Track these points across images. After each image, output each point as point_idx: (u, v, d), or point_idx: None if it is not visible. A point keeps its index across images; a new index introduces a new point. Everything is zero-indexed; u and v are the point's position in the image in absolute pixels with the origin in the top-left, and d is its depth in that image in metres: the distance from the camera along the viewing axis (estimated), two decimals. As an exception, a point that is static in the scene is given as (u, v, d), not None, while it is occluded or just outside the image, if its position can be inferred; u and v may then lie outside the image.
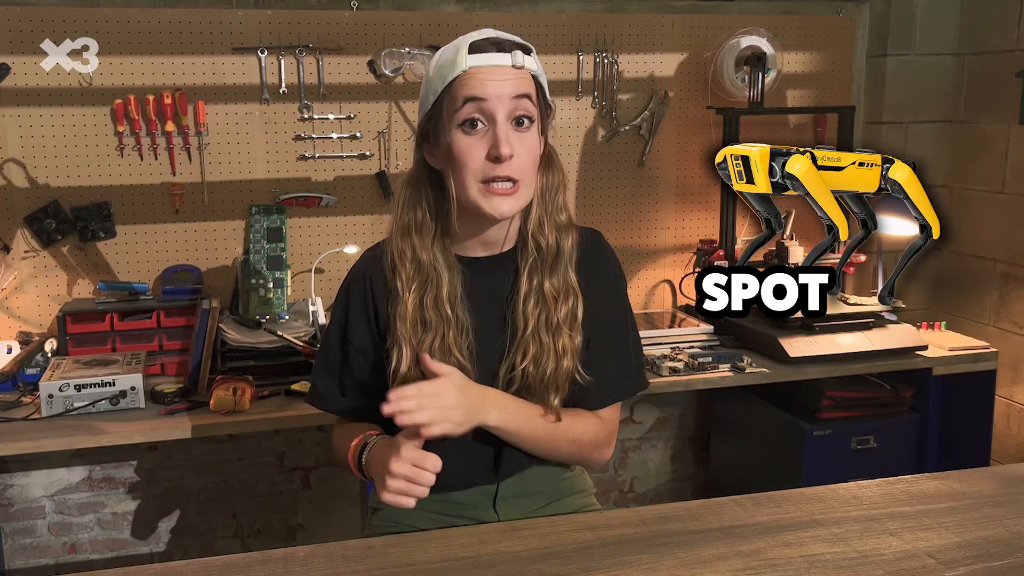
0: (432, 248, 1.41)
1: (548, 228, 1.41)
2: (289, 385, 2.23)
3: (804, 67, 2.95)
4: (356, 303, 1.48)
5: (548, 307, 1.41)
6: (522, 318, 1.41)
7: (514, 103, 1.32)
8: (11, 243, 2.46)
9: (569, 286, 1.42)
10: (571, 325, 1.42)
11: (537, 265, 1.42)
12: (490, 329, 1.43)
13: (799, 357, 2.44)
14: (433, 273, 1.40)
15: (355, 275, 1.50)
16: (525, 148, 1.35)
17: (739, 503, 1.41)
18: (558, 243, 1.42)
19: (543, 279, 1.41)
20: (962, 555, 1.25)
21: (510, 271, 1.44)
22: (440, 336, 1.40)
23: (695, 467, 3.17)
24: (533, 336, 1.40)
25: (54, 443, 2.00)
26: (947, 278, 3.06)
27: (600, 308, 1.47)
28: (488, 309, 1.43)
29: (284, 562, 1.24)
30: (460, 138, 1.33)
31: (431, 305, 1.39)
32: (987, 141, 2.87)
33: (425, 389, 1.30)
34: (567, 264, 1.42)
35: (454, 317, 1.40)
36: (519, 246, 1.44)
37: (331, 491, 2.84)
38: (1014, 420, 2.85)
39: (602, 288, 1.48)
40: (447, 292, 1.40)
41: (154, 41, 2.46)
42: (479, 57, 1.32)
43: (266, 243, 2.56)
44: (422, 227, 1.41)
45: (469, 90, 1.31)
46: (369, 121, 2.64)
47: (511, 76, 1.32)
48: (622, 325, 1.51)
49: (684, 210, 2.95)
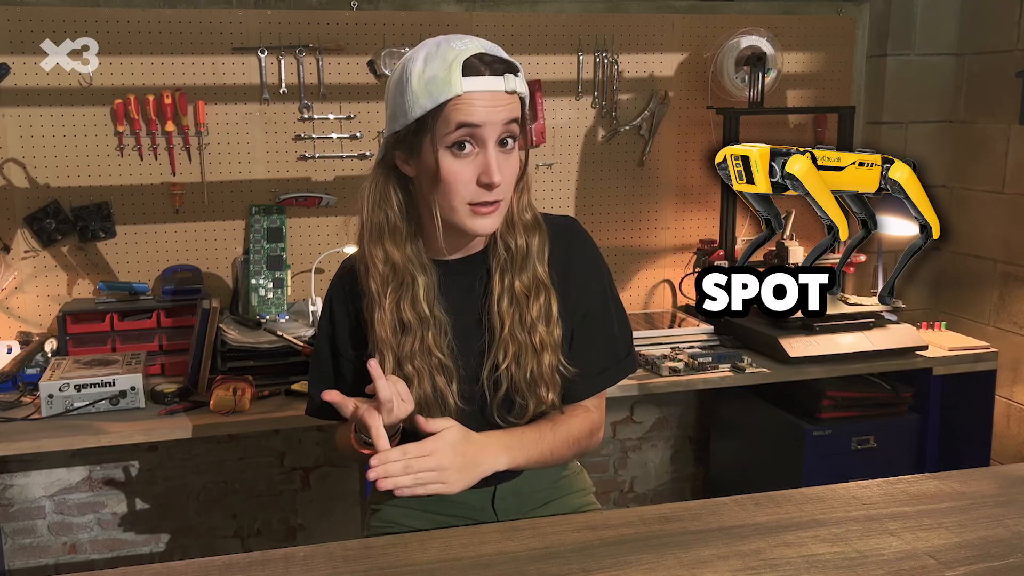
0: (405, 249, 1.40)
1: (517, 229, 1.41)
2: (289, 385, 2.23)
3: (804, 67, 2.95)
4: (339, 312, 1.48)
5: (521, 305, 1.41)
6: (498, 318, 1.41)
7: (504, 128, 1.32)
8: (11, 243, 2.46)
9: (539, 282, 1.42)
10: (547, 320, 1.42)
11: (508, 265, 1.41)
12: (468, 330, 1.43)
13: (799, 357, 2.44)
14: (408, 276, 1.39)
15: (335, 285, 1.50)
16: (510, 169, 1.35)
17: (739, 503, 1.41)
18: (527, 243, 1.41)
19: (514, 278, 1.41)
20: (962, 555, 1.25)
21: (482, 272, 1.44)
22: (419, 338, 1.39)
23: (695, 467, 3.17)
24: (511, 335, 1.40)
25: (54, 443, 2.00)
26: (947, 278, 3.06)
27: (581, 297, 1.47)
28: (464, 310, 1.43)
29: (284, 562, 1.24)
30: (449, 160, 1.31)
31: (408, 307, 1.39)
32: (987, 141, 2.87)
33: (411, 451, 1.28)
34: (535, 260, 1.42)
35: (432, 318, 1.40)
36: (489, 247, 1.43)
37: (331, 491, 2.84)
38: (1014, 420, 2.85)
39: (580, 277, 1.47)
40: (423, 293, 1.40)
41: (154, 41, 2.46)
42: (474, 81, 1.28)
43: (266, 243, 2.56)
44: (394, 230, 1.39)
45: (464, 116, 1.28)
46: (369, 121, 2.64)
47: (504, 102, 1.31)
48: (603, 311, 1.50)
49: (684, 210, 2.95)
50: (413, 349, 1.39)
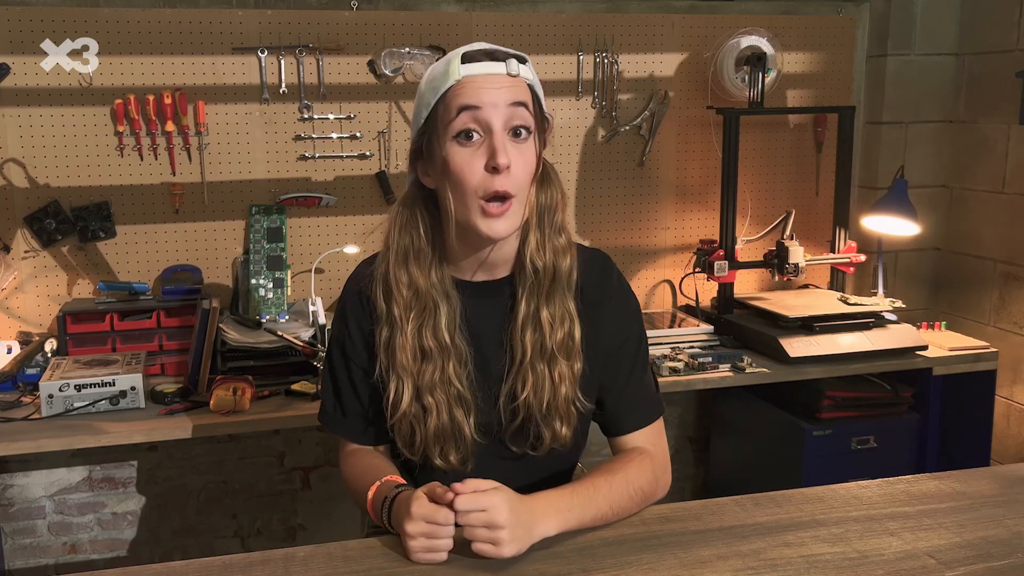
0: (430, 275, 1.36)
1: (546, 250, 1.36)
2: (289, 385, 2.23)
3: (804, 67, 2.95)
4: (352, 318, 1.44)
5: (544, 333, 1.36)
6: (520, 346, 1.37)
7: (510, 111, 1.28)
8: (11, 243, 2.46)
9: (566, 312, 1.37)
10: (567, 352, 1.37)
11: (535, 289, 1.37)
12: (489, 356, 1.40)
13: (799, 357, 2.44)
14: (431, 302, 1.36)
15: (349, 290, 1.46)
16: (523, 160, 1.30)
17: (739, 503, 1.41)
18: (555, 266, 1.36)
19: (540, 304, 1.37)
20: (962, 555, 1.25)
21: (508, 295, 1.40)
22: (440, 368, 1.36)
23: (695, 467, 3.17)
24: (531, 365, 1.36)
25: (54, 443, 2.00)
26: (947, 278, 3.06)
27: (617, 341, 1.43)
28: (487, 335, 1.40)
29: (284, 562, 1.24)
30: (456, 151, 1.29)
31: (430, 335, 1.36)
32: (987, 141, 2.87)
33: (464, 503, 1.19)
34: (564, 289, 1.38)
35: (453, 347, 1.37)
36: (516, 270, 1.39)
37: (331, 491, 2.84)
38: (1014, 420, 2.85)
39: (619, 313, 1.44)
40: (446, 322, 1.36)
41: (154, 41, 2.46)
42: (472, 66, 1.29)
43: (266, 243, 2.56)
44: (419, 253, 1.36)
45: (463, 99, 1.27)
46: (369, 121, 2.64)
47: (506, 84, 1.29)
48: (644, 349, 1.47)
49: (684, 210, 2.95)
50: (433, 379, 1.36)
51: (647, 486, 1.39)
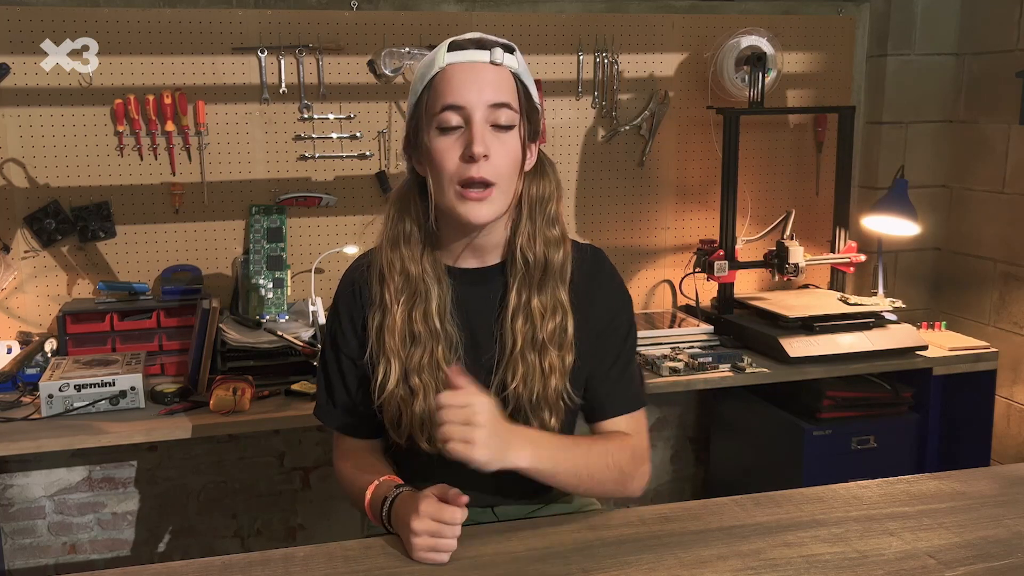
0: (421, 260, 1.38)
1: (537, 241, 1.37)
2: (289, 385, 2.23)
3: (804, 67, 2.95)
4: (345, 313, 1.46)
5: (535, 324, 1.37)
6: (510, 335, 1.38)
7: (491, 112, 1.29)
8: (11, 243, 2.46)
9: (558, 303, 1.38)
10: (559, 343, 1.38)
11: (526, 280, 1.38)
12: (479, 343, 1.41)
13: (799, 357, 2.44)
14: (422, 286, 1.37)
15: (343, 285, 1.48)
16: (504, 150, 1.31)
17: (739, 503, 1.41)
18: (546, 257, 1.37)
19: (531, 295, 1.37)
20: (962, 555, 1.25)
21: (499, 284, 1.41)
22: (429, 351, 1.37)
23: (695, 467, 3.17)
24: (522, 355, 1.37)
25: (54, 443, 2.00)
26: (947, 278, 3.06)
27: (606, 326, 1.43)
28: (478, 322, 1.41)
29: (284, 562, 1.24)
30: (437, 139, 1.31)
31: (420, 319, 1.37)
32: (987, 141, 2.87)
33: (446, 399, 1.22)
34: (557, 281, 1.38)
35: (443, 332, 1.38)
36: (508, 259, 1.40)
37: (331, 491, 2.84)
38: (1014, 420, 2.85)
39: (610, 306, 1.44)
40: (436, 306, 1.37)
41: (154, 41, 2.46)
42: (457, 54, 1.30)
43: (266, 243, 2.56)
44: (411, 238, 1.38)
45: (445, 87, 1.29)
46: (369, 121, 2.64)
47: (489, 73, 1.30)
48: (633, 341, 1.48)
49: (684, 210, 2.95)
50: (421, 362, 1.37)
51: (625, 465, 1.39)
